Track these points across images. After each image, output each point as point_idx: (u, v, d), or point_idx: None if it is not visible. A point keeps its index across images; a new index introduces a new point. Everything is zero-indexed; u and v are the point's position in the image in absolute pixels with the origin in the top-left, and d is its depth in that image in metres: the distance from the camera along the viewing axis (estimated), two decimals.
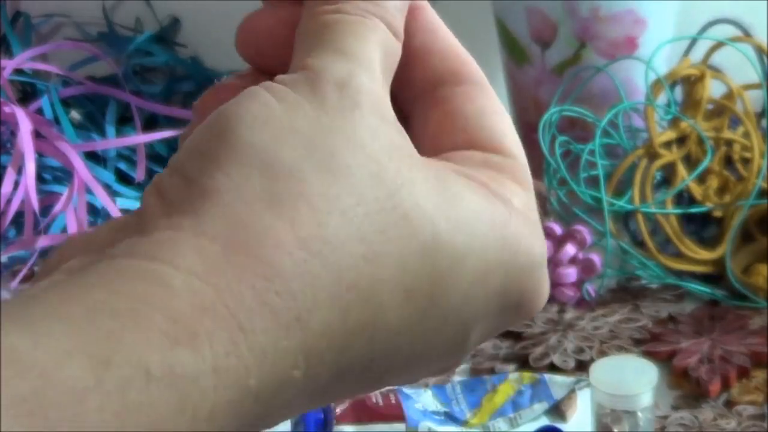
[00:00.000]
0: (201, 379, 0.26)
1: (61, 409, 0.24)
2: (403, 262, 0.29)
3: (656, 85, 0.98)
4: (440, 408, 0.82)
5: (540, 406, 0.83)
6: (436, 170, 0.31)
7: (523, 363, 0.87)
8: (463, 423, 0.82)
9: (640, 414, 0.76)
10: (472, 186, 0.31)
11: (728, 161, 0.98)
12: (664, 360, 0.86)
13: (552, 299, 0.93)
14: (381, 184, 0.29)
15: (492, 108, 0.34)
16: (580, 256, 0.93)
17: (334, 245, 0.28)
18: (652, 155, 0.96)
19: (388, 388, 0.64)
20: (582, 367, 0.85)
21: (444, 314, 0.30)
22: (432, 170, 0.31)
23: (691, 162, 0.97)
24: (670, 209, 0.95)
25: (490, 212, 0.31)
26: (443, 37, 0.35)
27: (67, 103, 1.11)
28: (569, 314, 0.92)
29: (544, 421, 0.82)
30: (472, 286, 0.30)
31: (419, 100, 0.35)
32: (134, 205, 1.04)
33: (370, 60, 0.31)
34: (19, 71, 1.11)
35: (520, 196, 0.32)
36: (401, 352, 0.30)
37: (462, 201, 0.30)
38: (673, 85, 0.99)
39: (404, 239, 0.29)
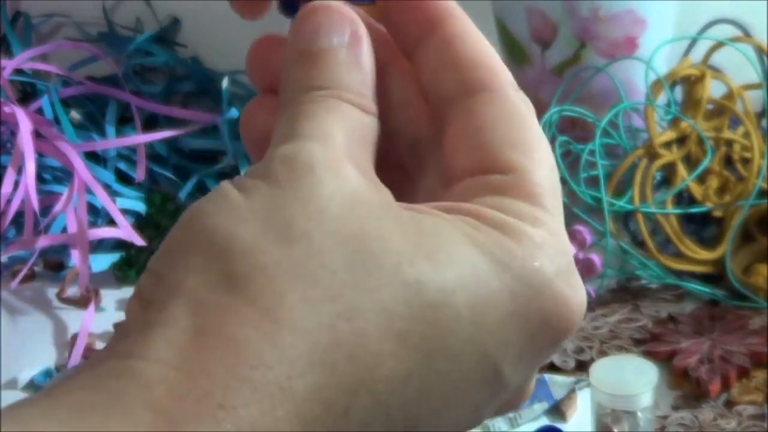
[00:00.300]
0: None
1: None
2: (387, 310, 0.29)
3: (656, 85, 0.98)
4: None
5: (540, 406, 0.83)
6: (414, 217, 0.30)
7: None
8: None
9: (640, 414, 0.76)
10: (454, 223, 0.31)
11: (728, 161, 0.98)
12: (664, 360, 0.86)
13: None
14: (344, 242, 0.29)
15: (499, 114, 0.33)
16: (580, 256, 0.93)
17: (301, 311, 0.28)
18: (652, 155, 0.96)
19: None
20: (582, 367, 0.85)
21: (454, 351, 0.30)
22: (408, 216, 0.30)
23: (691, 162, 0.97)
24: (670, 209, 0.95)
25: (475, 242, 0.30)
26: (456, 48, 0.34)
27: (67, 103, 1.11)
28: None
29: (544, 421, 0.82)
30: (476, 316, 0.30)
31: (439, 123, 0.34)
32: (134, 205, 1.04)
33: (325, 136, 0.31)
34: (19, 71, 1.11)
35: (523, 213, 0.31)
36: (423, 397, 0.30)
37: (442, 238, 0.30)
38: (673, 85, 0.99)
39: (382, 289, 0.29)
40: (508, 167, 0.32)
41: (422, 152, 0.35)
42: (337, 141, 0.31)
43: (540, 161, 0.33)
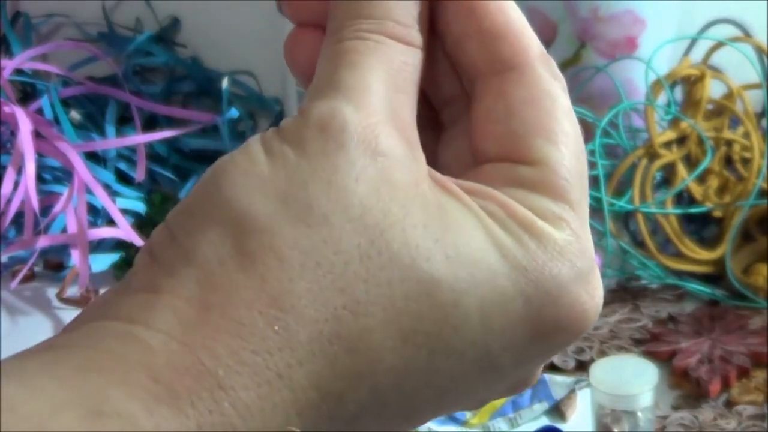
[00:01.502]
0: None
1: None
2: (394, 306, 0.28)
3: (656, 85, 0.98)
4: None
5: (540, 406, 0.83)
6: (441, 202, 0.30)
7: None
8: (463, 423, 0.82)
9: (640, 414, 0.76)
10: (480, 215, 0.30)
11: (728, 161, 0.98)
12: (664, 360, 0.86)
13: None
14: (363, 230, 0.29)
15: (527, 97, 0.32)
16: None
17: (308, 299, 0.28)
18: (652, 155, 0.96)
19: None
20: (582, 367, 0.85)
21: (458, 351, 0.29)
22: (435, 202, 0.30)
23: (691, 162, 0.97)
24: (670, 209, 0.95)
25: (496, 242, 0.30)
26: (485, 19, 0.32)
27: (67, 103, 1.11)
28: None
29: (544, 421, 0.82)
30: (485, 319, 0.29)
31: (466, 98, 0.33)
32: (134, 205, 1.04)
33: (363, 88, 0.30)
34: (19, 71, 1.11)
35: (548, 213, 0.31)
36: (422, 392, 0.30)
37: (464, 234, 0.29)
38: (673, 85, 0.99)
39: (394, 283, 0.28)
40: (536, 159, 0.31)
41: (456, 113, 0.34)
42: (377, 99, 0.30)
43: (568, 150, 0.32)
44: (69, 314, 0.98)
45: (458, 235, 0.29)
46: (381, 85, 0.31)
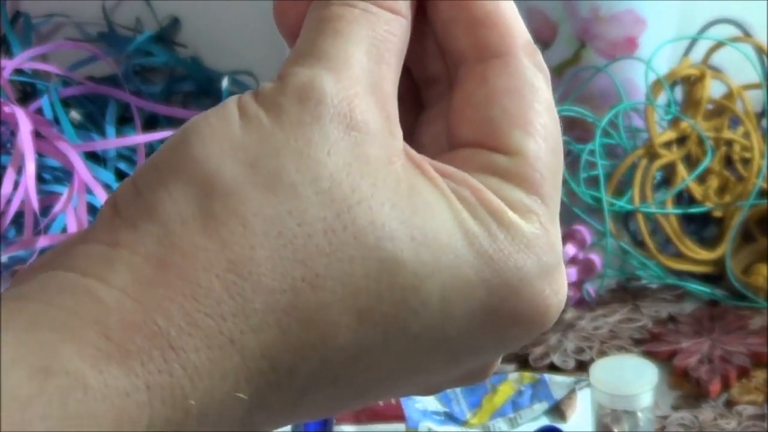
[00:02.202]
0: (134, 395, 0.26)
1: (7, 415, 0.25)
2: (354, 283, 0.28)
3: (656, 85, 0.98)
4: (440, 408, 0.82)
5: (540, 406, 0.83)
6: (412, 182, 0.29)
7: (523, 363, 0.87)
8: (463, 423, 0.82)
9: (640, 414, 0.76)
10: (451, 200, 0.30)
11: (728, 161, 0.98)
12: (664, 360, 0.86)
13: None
14: (330, 204, 0.28)
15: (509, 87, 0.31)
16: (580, 256, 0.93)
17: (267, 267, 0.28)
18: (652, 155, 0.96)
19: None
20: (582, 367, 0.85)
21: (414, 334, 0.29)
22: (407, 182, 0.29)
23: (691, 162, 0.97)
24: (670, 209, 0.95)
25: (464, 229, 0.29)
26: (475, 5, 0.32)
27: (67, 103, 1.11)
28: (569, 314, 0.92)
29: (544, 421, 0.82)
30: (445, 305, 0.29)
31: (449, 80, 0.33)
32: None
33: (345, 58, 0.30)
34: (19, 71, 1.11)
35: (519, 204, 0.30)
36: (374, 371, 0.29)
37: (433, 217, 0.29)
38: (673, 85, 0.99)
39: (355, 260, 0.28)
40: (512, 149, 0.31)
41: (438, 93, 0.34)
42: (358, 70, 0.30)
43: (545, 144, 0.31)
44: None
45: (426, 217, 0.29)
46: (363, 56, 0.30)
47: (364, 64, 0.30)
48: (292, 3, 0.33)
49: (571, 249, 0.93)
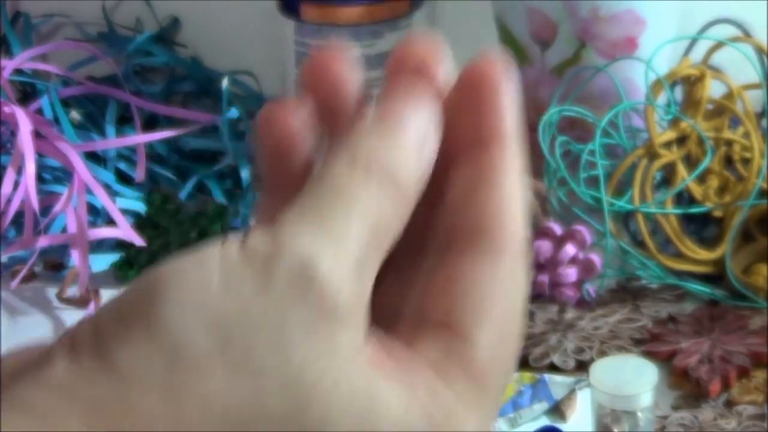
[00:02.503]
0: None
1: None
2: None
3: (656, 85, 0.98)
4: None
5: (540, 406, 0.83)
6: (370, 382, 0.29)
7: (523, 363, 0.87)
8: None
9: (640, 414, 0.76)
10: (403, 399, 0.30)
11: (728, 161, 0.98)
12: (664, 360, 0.86)
13: (552, 299, 0.93)
14: (294, 396, 0.28)
15: (487, 282, 0.31)
16: (580, 256, 0.93)
17: None
18: (652, 155, 0.96)
19: None
20: (582, 367, 0.85)
21: None
22: (365, 382, 0.29)
23: (691, 162, 0.97)
24: (670, 209, 0.95)
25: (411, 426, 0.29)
26: (482, 192, 0.32)
27: (67, 103, 1.11)
28: (569, 314, 0.92)
29: (544, 421, 0.82)
30: None
31: (433, 254, 0.33)
32: (134, 205, 1.04)
33: (345, 235, 0.29)
34: (19, 71, 1.11)
35: (468, 399, 0.30)
36: None
37: (388, 416, 0.29)
38: (673, 85, 0.99)
39: None
40: (472, 341, 0.31)
41: (431, 246, 0.33)
42: (352, 248, 0.29)
43: (501, 338, 0.31)
44: (69, 314, 0.98)
45: (380, 416, 0.29)
46: (359, 240, 0.30)
47: (363, 241, 0.30)
48: (286, 113, 0.32)
49: (571, 249, 0.93)
